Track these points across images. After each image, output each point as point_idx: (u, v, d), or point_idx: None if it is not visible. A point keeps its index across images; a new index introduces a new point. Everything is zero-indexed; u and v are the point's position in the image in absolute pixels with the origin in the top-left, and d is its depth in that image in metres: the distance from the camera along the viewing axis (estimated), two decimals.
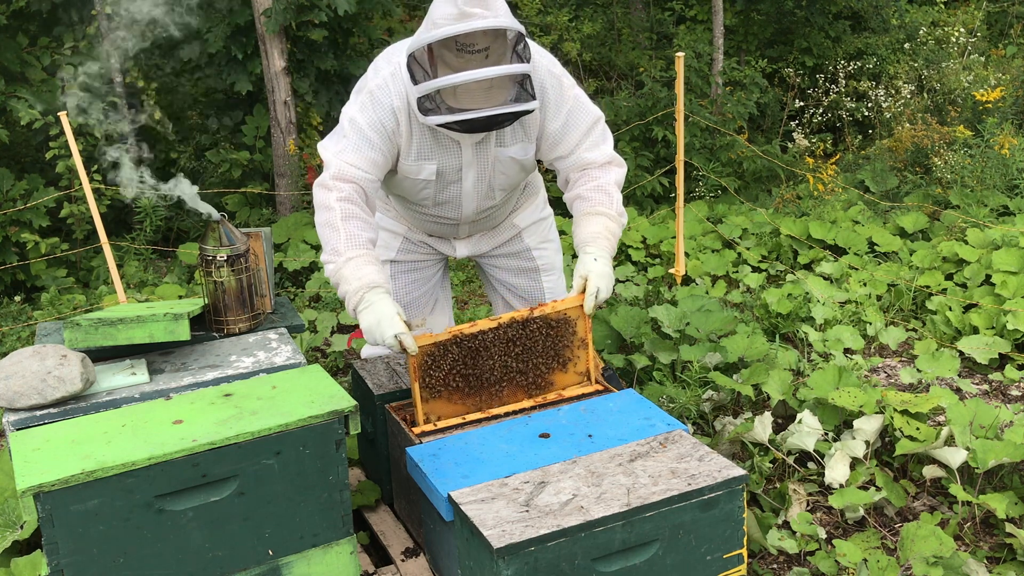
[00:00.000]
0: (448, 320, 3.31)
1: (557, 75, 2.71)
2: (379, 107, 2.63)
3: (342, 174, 2.62)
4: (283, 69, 6.26)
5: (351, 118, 2.66)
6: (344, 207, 2.59)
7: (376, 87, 2.63)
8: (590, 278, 2.66)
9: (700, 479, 2.15)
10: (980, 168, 6.35)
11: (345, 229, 2.57)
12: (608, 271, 2.69)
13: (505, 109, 2.49)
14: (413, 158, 2.72)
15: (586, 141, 2.78)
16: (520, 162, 2.81)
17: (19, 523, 2.77)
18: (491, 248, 3.16)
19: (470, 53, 2.48)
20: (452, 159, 2.75)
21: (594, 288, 2.64)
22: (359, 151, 2.64)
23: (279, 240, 5.98)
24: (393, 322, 2.46)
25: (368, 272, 2.54)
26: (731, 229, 5.92)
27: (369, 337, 2.52)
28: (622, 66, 8.81)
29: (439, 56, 2.50)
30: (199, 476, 2.04)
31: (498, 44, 2.50)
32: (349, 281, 2.53)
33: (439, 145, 2.71)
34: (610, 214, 2.76)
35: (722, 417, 3.41)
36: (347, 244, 2.56)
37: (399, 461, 2.60)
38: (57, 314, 4.96)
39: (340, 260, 2.55)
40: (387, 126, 2.64)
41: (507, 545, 1.94)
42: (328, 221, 2.60)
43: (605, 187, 2.78)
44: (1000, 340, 4.09)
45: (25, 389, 2.26)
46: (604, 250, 2.72)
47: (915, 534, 2.61)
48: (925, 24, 9.32)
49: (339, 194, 2.60)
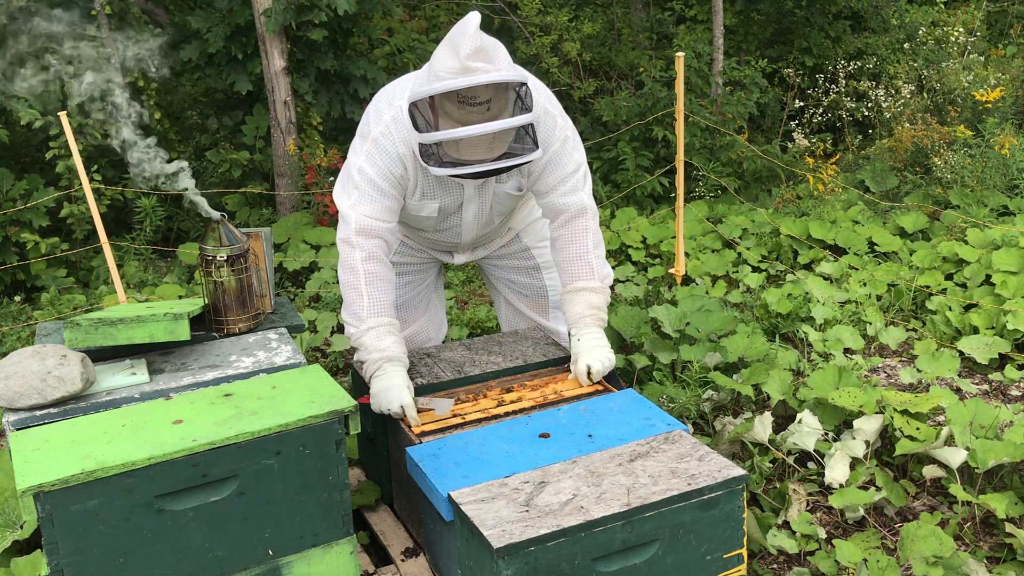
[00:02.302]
0: (440, 322, 3.32)
1: (553, 114, 2.72)
2: (385, 155, 2.66)
3: (364, 229, 2.68)
4: (283, 69, 6.26)
5: (360, 168, 2.69)
6: (368, 269, 2.68)
7: (380, 135, 2.65)
8: (579, 358, 2.75)
9: (700, 479, 2.15)
10: (980, 168, 6.35)
11: (368, 294, 2.68)
12: (595, 344, 2.77)
13: (509, 163, 2.51)
14: (417, 198, 2.77)
15: (563, 186, 2.81)
16: (516, 195, 2.88)
17: (19, 523, 2.77)
18: (489, 253, 3.17)
19: (471, 105, 2.45)
20: (454, 198, 2.81)
21: (583, 368, 2.73)
22: (374, 202, 2.69)
23: (279, 240, 5.98)
24: (402, 393, 2.57)
25: (388, 344, 2.66)
26: (731, 229, 5.92)
27: (375, 401, 2.62)
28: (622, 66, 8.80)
29: (440, 107, 2.48)
30: (199, 476, 2.04)
31: (500, 96, 2.48)
32: (369, 351, 2.67)
33: (442, 187, 2.76)
34: (592, 286, 2.84)
35: (722, 417, 3.41)
36: (369, 311, 2.68)
37: (399, 461, 2.60)
38: (57, 314, 4.96)
39: (362, 328, 2.68)
40: (395, 173, 2.68)
41: (507, 545, 1.94)
42: (352, 284, 2.70)
43: (583, 255, 2.85)
44: (1000, 340, 4.09)
45: (25, 389, 2.26)
46: (590, 327, 2.81)
47: (915, 534, 2.61)
48: (925, 24, 9.31)
49: (363, 253, 2.68)
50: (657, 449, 2.30)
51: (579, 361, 2.74)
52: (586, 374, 2.73)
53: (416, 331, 3.22)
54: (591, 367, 2.72)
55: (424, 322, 3.24)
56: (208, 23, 6.33)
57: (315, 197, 6.16)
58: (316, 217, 6.13)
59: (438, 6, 8.93)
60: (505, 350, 2.96)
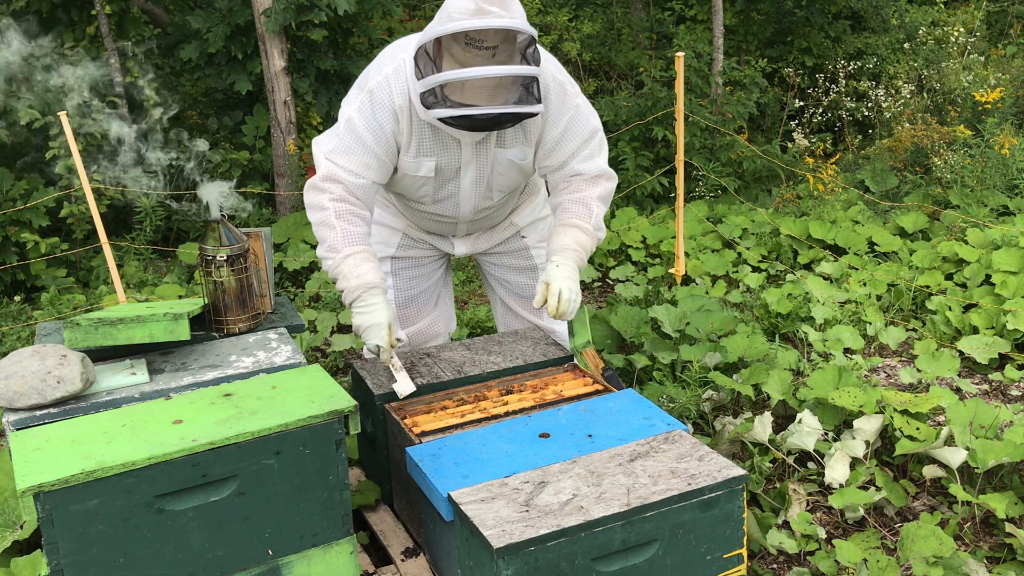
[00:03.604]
0: (450, 317, 3.32)
1: (562, 82, 2.71)
2: (378, 107, 2.63)
3: (331, 175, 2.69)
4: (283, 69, 6.26)
5: (348, 118, 2.68)
6: (337, 206, 2.67)
7: (376, 86, 2.64)
8: (552, 282, 2.69)
9: (700, 479, 2.15)
10: (980, 168, 6.35)
11: (341, 226, 2.66)
12: (568, 275, 2.71)
13: (510, 109, 2.50)
14: (412, 155, 2.72)
15: (582, 152, 2.78)
16: (519, 165, 2.82)
17: (19, 523, 2.77)
18: (490, 246, 3.16)
19: (478, 49, 2.48)
20: (451, 157, 2.75)
21: (556, 289, 2.68)
22: (350, 154, 2.68)
23: (279, 240, 5.98)
24: (380, 333, 2.64)
25: (366, 271, 2.64)
26: (731, 229, 5.92)
27: (356, 332, 2.69)
28: (622, 66, 8.81)
29: (446, 49, 2.51)
30: (199, 476, 2.04)
31: (507, 45, 2.51)
32: (348, 278, 2.64)
33: (439, 143, 2.72)
34: (585, 227, 2.79)
35: (722, 417, 3.41)
36: (344, 240, 2.66)
37: (399, 461, 2.60)
38: (57, 314, 4.96)
39: (338, 257, 2.66)
40: (385, 127, 2.65)
41: (507, 545, 1.94)
42: (323, 220, 2.68)
43: (586, 200, 2.80)
44: (1000, 340, 4.09)
45: (25, 389, 2.26)
46: (570, 260, 2.74)
47: (915, 534, 2.61)
48: (925, 24, 9.31)
49: (331, 195, 2.68)
50: (657, 449, 2.30)
51: (552, 284, 2.69)
52: (556, 297, 2.68)
53: (426, 326, 3.20)
54: (561, 292, 2.67)
55: (434, 317, 3.23)
56: (208, 23, 6.33)
57: None
58: None
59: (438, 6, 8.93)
60: (505, 350, 2.96)
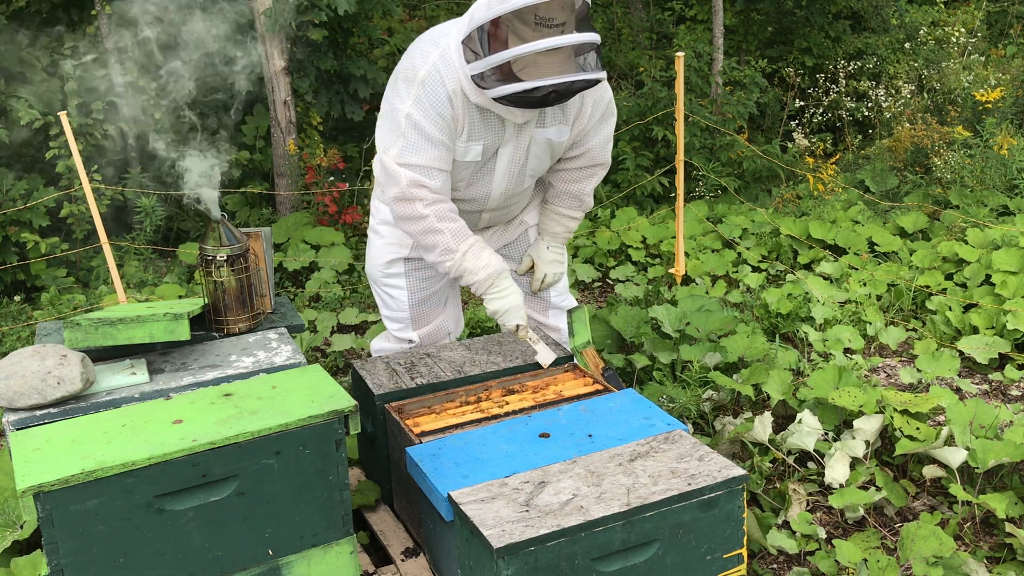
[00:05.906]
0: (458, 317, 3.32)
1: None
2: (434, 96, 2.61)
3: (415, 181, 2.67)
4: (283, 69, 6.26)
5: (408, 115, 2.63)
6: (434, 209, 2.69)
7: (426, 75, 2.61)
8: (541, 265, 3.15)
9: (700, 479, 2.15)
10: (980, 168, 6.34)
11: (446, 227, 2.71)
12: (555, 258, 3.16)
13: (581, 76, 2.52)
14: (464, 139, 2.72)
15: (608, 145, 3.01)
16: (553, 145, 2.86)
17: (19, 523, 2.77)
18: (499, 246, 3.18)
19: (547, 27, 2.46)
20: (495, 139, 2.76)
21: (541, 275, 3.16)
22: (421, 151, 2.65)
23: (279, 240, 5.98)
24: (519, 313, 2.79)
25: (487, 260, 2.74)
26: (731, 229, 5.92)
27: (493, 316, 2.81)
28: (622, 66, 8.80)
29: (513, 31, 2.48)
30: (199, 476, 2.04)
31: (571, 20, 2.51)
32: (474, 272, 2.74)
33: (486, 125, 2.72)
34: (574, 216, 3.14)
35: (722, 417, 3.41)
36: (455, 239, 2.71)
37: (399, 461, 2.60)
38: (57, 314, 4.95)
39: (457, 256, 2.72)
40: (445, 115, 2.64)
41: (507, 545, 1.94)
42: (427, 228, 2.71)
43: (581, 195, 3.10)
44: (1000, 340, 4.09)
45: (25, 389, 2.26)
46: (560, 244, 3.17)
47: (915, 534, 2.61)
48: (925, 24, 9.31)
49: (423, 201, 2.68)
50: (657, 449, 2.30)
51: (540, 268, 3.15)
52: (540, 282, 3.14)
53: (436, 327, 3.20)
54: (545, 278, 3.15)
55: (444, 318, 3.23)
56: None
57: (315, 197, 6.16)
58: (316, 217, 6.13)
59: (438, 6, 8.93)
60: (505, 350, 2.96)
